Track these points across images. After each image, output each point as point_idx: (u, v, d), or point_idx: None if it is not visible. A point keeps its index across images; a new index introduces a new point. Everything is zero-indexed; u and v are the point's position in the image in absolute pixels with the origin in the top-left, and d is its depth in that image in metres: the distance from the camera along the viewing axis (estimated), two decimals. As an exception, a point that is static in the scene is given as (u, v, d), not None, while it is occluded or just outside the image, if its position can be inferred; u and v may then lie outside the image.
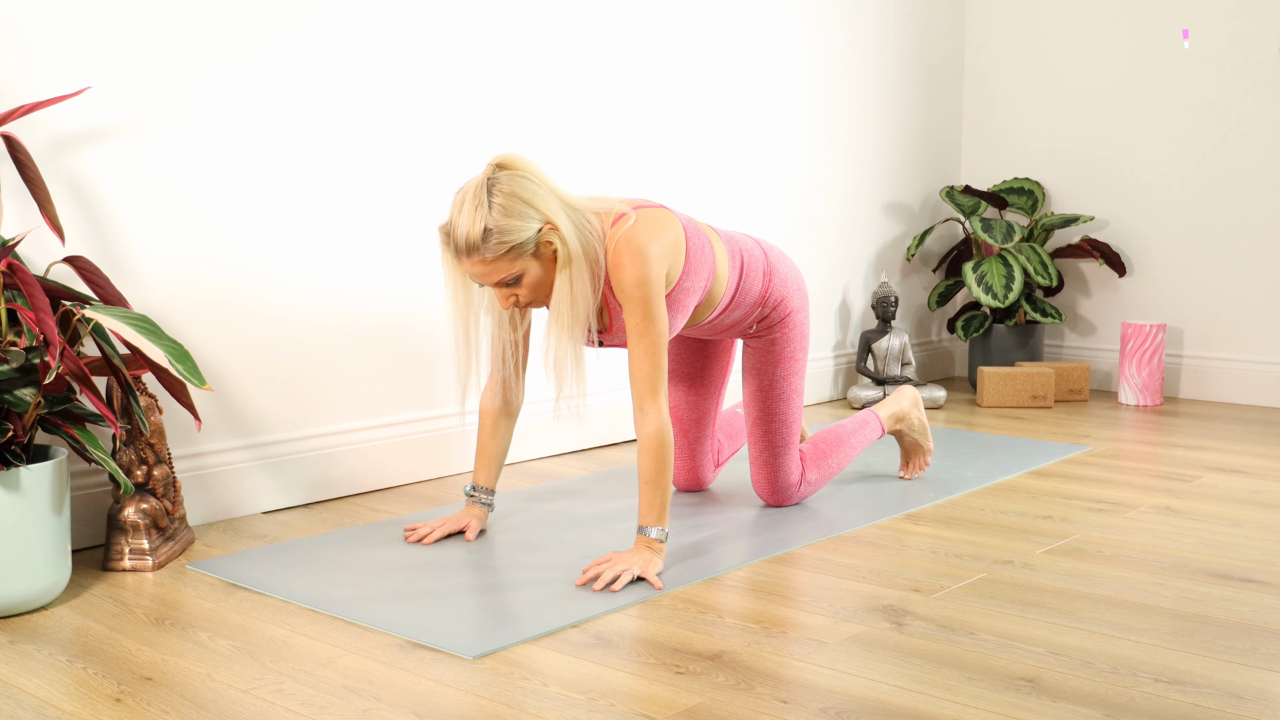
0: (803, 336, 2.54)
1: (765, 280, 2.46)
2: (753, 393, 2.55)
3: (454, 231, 2.07)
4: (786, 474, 2.57)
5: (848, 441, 2.70)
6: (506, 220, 2.04)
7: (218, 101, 2.47)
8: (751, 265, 2.43)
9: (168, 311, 2.43)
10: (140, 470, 2.25)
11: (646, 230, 2.16)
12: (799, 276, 2.55)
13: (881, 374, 3.90)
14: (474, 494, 2.41)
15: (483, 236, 2.03)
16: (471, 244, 2.05)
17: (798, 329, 2.52)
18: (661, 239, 2.17)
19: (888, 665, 1.73)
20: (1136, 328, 3.91)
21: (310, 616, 1.95)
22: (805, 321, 2.54)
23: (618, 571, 2.07)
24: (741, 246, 2.44)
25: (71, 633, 1.88)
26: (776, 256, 2.51)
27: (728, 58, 3.58)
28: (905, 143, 4.30)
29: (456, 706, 1.60)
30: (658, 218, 2.20)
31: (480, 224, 2.03)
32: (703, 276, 2.29)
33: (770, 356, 2.52)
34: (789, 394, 2.54)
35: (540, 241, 2.08)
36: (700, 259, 2.27)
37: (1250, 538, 2.38)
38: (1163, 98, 4.07)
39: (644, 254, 2.13)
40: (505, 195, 2.05)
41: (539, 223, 2.07)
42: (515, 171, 2.08)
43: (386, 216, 2.78)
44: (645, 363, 2.13)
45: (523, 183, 2.07)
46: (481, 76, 2.94)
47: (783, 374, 2.53)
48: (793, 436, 2.57)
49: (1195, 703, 1.60)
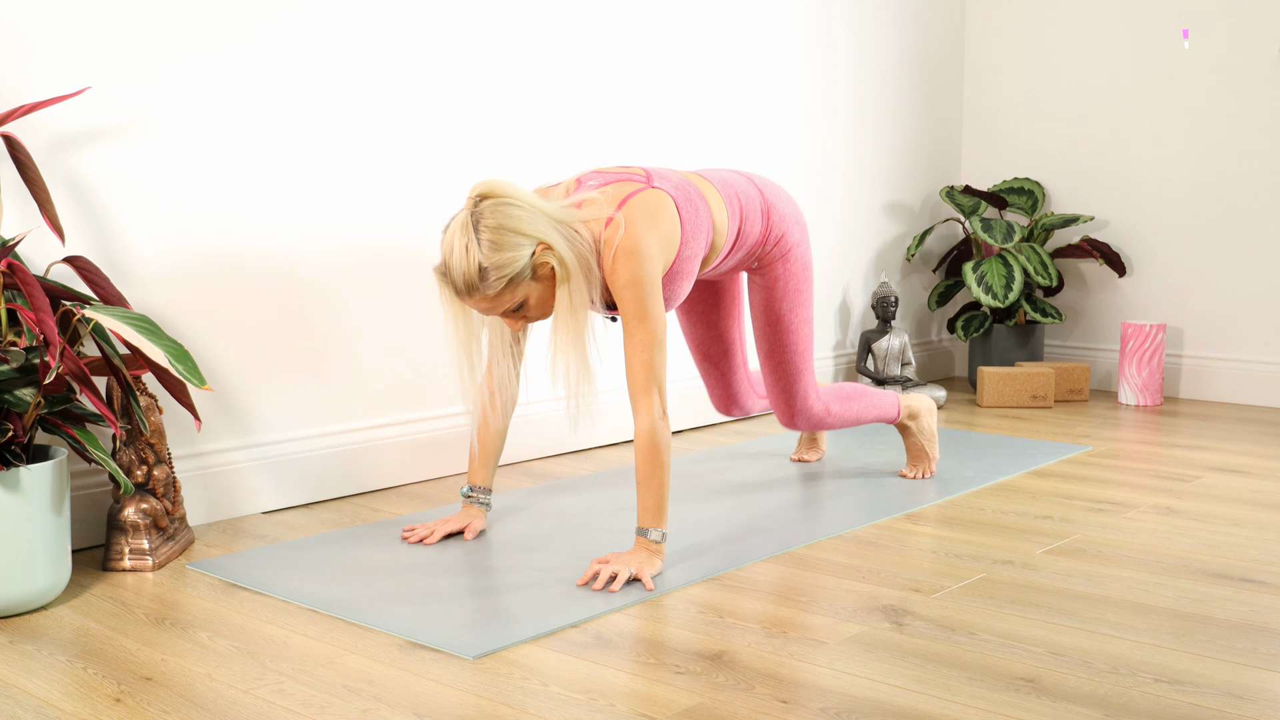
0: (805, 268, 2.54)
1: (764, 220, 2.45)
2: (761, 328, 2.56)
3: (450, 274, 2.05)
4: (804, 399, 2.62)
5: (867, 398, 2.75)
6: (499, 255, 2.02)
7: (218, 102, 2.47)
8: (749, 208, 2.42)
9: (168, 311, 2.43)
10: (140, 470, 2.25)
11: (639, 229, 2.12)
12: (796, 209, 2.55)
13: (881, 374, 3.90)
14: (471, 494, 2.41)
15: (480, 275, 2.02)
16: (470, 284, 2.03)
17: (799, 261, 2.53)
18: (655, 231, 2.14)
19: (888, 665, 1.73)
20: (1136, 328, 3.91)
21: (310, 616, 1.95)
22: (807, 253, 2.55)
23: (615, 571, 2.07)
24: (737, 190, 2.41)
25: (71, 633, 1.88)
26: (772, 192, 2.50)
27: (729, 59, 3.58)
28: (905, 143, 4.30)
29: (456, 706, 1.60)
30: (648, 207, 2.15)
31: (475, 264, 2.01)
32: (702, 241, 2.27)
33: (775, 291, 2.53)
34: (795, 325, 2.55)
35: (536, 264, 2.06)
36: (696, 228, 2.25)
37: (1250, 538, 2.38)
38: (1163, 98, 4.07)
39: (638, 255, 2.11)
40: (492, 229, 2.02)
41: (531, 247, 2.04)
42: (497, 200, 2.05)
43: (386, 216, 2.78)
44: (637, 360, 2.12)
45: (507, 210, 2.04)
46: (481, 77, 2.94)
47: (789, 306, 2.54)
48: (804, 365, 2.58)
49: (1195, 703, 1.60)
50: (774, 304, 2.53)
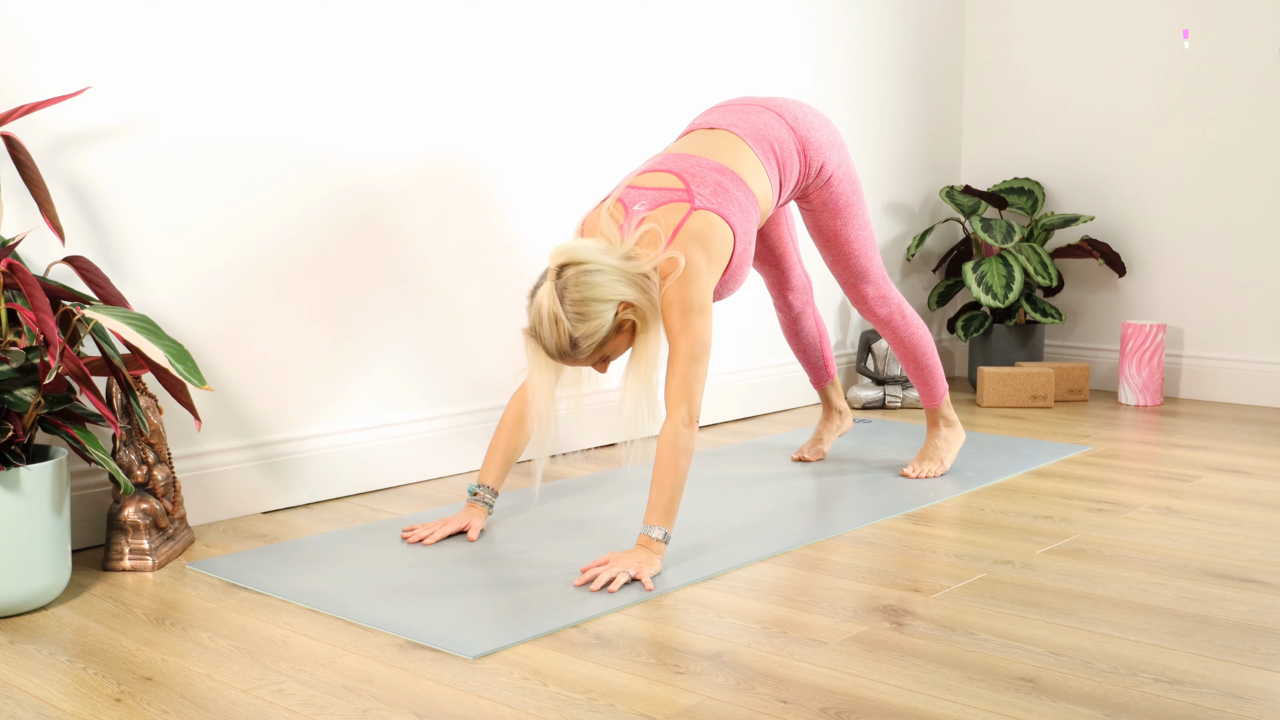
0: (849, 183, 2.62)
1: (802, 158, 2.52)
2: (820, 245, 2.71)
3: (543, 344, 2.18)
4: (875, 290, 2.75)
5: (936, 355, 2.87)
6: (587, 324, 2.13)
7: (217, 101, 2.47)
8: (785, 155, 2.49)
9: (168, 311, 2.43)
10: (140, 470, 2.25)
11: (692, 257, 2.20)
12: (830, 131, 2.60)
13: (881, 374, 3.90)
14: (478, 493, 2.41)
15: (572, 345, 2.15)
16: (563, 352, 2.17)
17: (842, 182, 2.60)
18: (707, 253, 2.23)
19: (888, 665, 1.73)
20: (1136, 328, 3.91)
21: (310, 616, 1.95)
22: (849, 169, 2.62)
23: (613, 574, 2.07)
24: (770, 138, 2.47)
25: (71, 633, 1.88)
26: (804, 124, 2.54)
27: (728, 60, 3.58)
28: (905, 143, 4.30)
29: (456, 706, 1.60)
30: (698, 233, 2.23)
31: (566, 337, 2.13)
32: (752, 227, 2.38)
33: (825, 213, 2.64)
34: (850, 236, 2.66)
35: (620, 323, 2.17)
36: (746, 222, 2.34)
37: (1250, 538, 2.38)
38: (1163, 98, 4.07)
39: (689, 280, 2.20)
40: (577, 302, 2.12)
41: (614, 309, 2.14)
42: (576, 267, 2.13)
43: (386, 216, 2.78)
44: (675, 370, 2.19)
45: (588, 279, 2.12)
46: (482, 79, 2.94)
47: (841, 223, 2.65)
48: (869, 264, 2.72)
49: (1195, 703, 1.60)
50: (826, 225, 2.65)
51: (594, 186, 3.22)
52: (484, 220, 2.98)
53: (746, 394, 3.71)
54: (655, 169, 2.35)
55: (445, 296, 2.90)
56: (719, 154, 2.40)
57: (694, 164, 2.34)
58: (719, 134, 2.46)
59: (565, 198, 3.16)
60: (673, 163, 2.36)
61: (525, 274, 3.06)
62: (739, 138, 2.44)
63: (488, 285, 2.99)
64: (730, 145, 2.42)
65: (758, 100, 2.58)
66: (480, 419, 2.99)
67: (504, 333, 3.03)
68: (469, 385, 2.98)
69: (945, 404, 2.90)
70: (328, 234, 2.67)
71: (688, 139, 2.49)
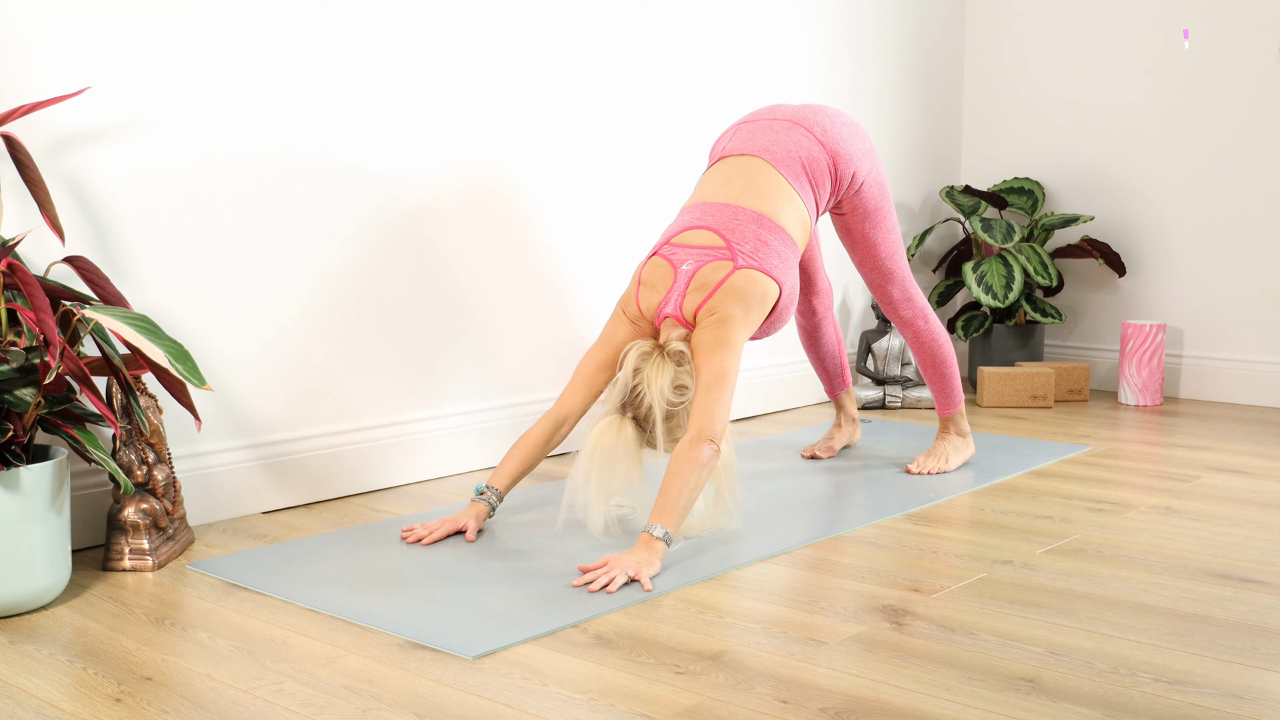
0: (878, 187, 2.66)
1: (832, 174, 2.57)
2: (849, 246, 2.77)
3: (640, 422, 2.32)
4: (901, 291, 2.80)
5: (955, 364, 2.91)
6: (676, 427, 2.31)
7: (218, 101, 2.47)
8: (817, 173, 2.53)
9: (168, 311, 2.43)
10: (140, 470, 2.25)
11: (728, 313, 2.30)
12: (859, 138, 2.62)
13: (881, 374, 3.90)
14: (484, 493, 2.41)
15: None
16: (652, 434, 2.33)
17: (871, 188, 2.64)
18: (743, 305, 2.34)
19: (888, 665, 1.73)
20: (1136, 328, 3.91)
21: (310, 616, 1.95)
22: (879, 174, 2.66)
23: (611, 575, 2.07)
24: (802, 159, 2.52)
25: (71, 633, 1.88)
26: (833, 136, 2.57)
27: (727, 60, 3.58)
28: (905, 143, 4.30)
29: (456, 706, 1.60)
30: (739, 291, 2.32)
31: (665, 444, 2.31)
32: (794, 270, 2.45)
33: (854, 219, 2.69)
34: (878, 239, 2.71)
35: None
36: (788, 269, 2.42)
37: (1250, 538, 2.38)
38: (1163, 98, 4.07)
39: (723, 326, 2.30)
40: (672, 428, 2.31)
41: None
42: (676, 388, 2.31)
43: (386, 216, 2.78)
44: (697, 398, 2.24)
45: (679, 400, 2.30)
46: (482, 80, 2.94)
47: (870, 227, 2.69)
48: (895, 266, 2.77)
49: (1195, 703, 1.60)
50: (855, 228, 2.69)
51: (598, 186, 3.22)
52: (488, 214, 2.97)
53: (748, 394, 3.71)
54: (695, 225, 2.41)
55: (445, 296, 2.90)
56: (752, 194, 2.44)
57: (731, 217, 2.40)
58: (750, 164, 2.50)
59: (564, 194, 3.16)
60: (711, 217, 2.41)
61: (527, 269, 3.06)
62: (771, 165, 2.49)
63: (489, 282, 2.99)
64: (762, 177, 2.47)
65: (786, 113, 2.60)
66: (480, 419, 2.99)
67: (505, 332, 3.03)
68: (469, 385, 2.98)
69: (960, 415, 2.94)
70: (327, 233, 2.67)
71: (721, 174, 2.52)
